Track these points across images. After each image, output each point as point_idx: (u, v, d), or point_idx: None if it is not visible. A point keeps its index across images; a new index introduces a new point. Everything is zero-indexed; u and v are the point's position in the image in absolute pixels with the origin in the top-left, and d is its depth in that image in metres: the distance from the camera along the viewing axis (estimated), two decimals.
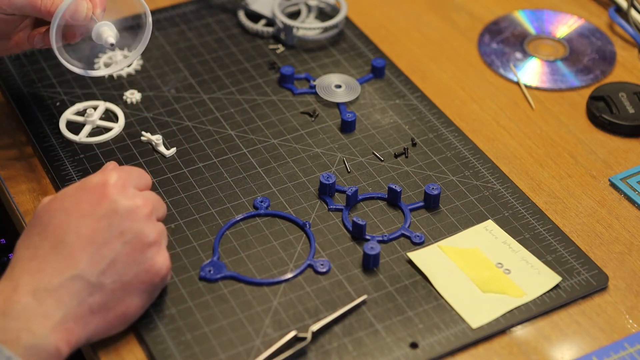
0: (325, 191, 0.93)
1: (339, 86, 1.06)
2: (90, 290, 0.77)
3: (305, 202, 0.93)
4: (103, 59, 1.08)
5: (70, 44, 0.94)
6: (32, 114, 1.02)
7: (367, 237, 0.90)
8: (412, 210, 0.93)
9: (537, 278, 0.87)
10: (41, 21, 0.95)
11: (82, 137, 0.99)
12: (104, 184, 0.80)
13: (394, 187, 0.93)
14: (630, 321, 0.85)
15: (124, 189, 0.80)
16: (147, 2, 1.16)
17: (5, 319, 0.74)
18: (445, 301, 0.85)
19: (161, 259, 0.80)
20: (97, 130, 1.01)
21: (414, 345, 0.82)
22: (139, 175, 0.83)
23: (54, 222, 0.78)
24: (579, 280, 0.87)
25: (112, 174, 0.80)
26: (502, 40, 1.14)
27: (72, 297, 0.76)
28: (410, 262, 0.88)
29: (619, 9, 1.16)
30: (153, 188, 0.94)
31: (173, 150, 0.98)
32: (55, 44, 0.90)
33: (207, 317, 0.83)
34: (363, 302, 0.85)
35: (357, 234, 0.90)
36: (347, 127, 1.01)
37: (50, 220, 0.79)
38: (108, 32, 0.90)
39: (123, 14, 0.92)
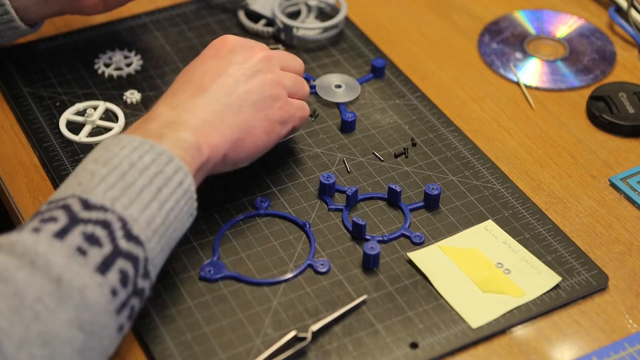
0: (325, 191, 0.93)
1: (339, 86, 1.06)
2: (221, 107, 0.84)
3: (305, 202, 0.93)
4: (103, 59, 1.08)
5: None
6: (32, 114, 1.02)
7: (367, 237, 0.90)
8: (412, 210, 0.93)
9: (537, 278, 0.87)
10: None
11: (82, 137, 0.99)
12: (222, 37, 0.91)
13: (394, 187, 0.93)
14: (630, 321, 0.85)
15: (239, 39, 0.91)
16: (146, 2, 1.17)
17: (148, 123, 0.82)
18: (445, 301, 0.85)
19: (286, 95, 0.90)
20: (97, 130, 1.01)
21: (414, 345, 0.82)
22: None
23: (183, 76, 0.88)
24: (579, 280, 0.87)
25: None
26: (502, 40, 1.14)
27: (205, 111, 0.83)
28: (410, 262, 0.88)
29: (619, 9, 1.16)
30: None
31: None
32: None
33: (207, 317, 0.83)
34: (363, 302, 0.85)
35: (357, 234, 0.90)
36: (347, 127, 1.01)
37: (179, 78, 0.88)
38: None
39: None
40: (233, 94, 0.86)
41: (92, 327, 0.70)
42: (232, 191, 0.94)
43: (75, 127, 1.01)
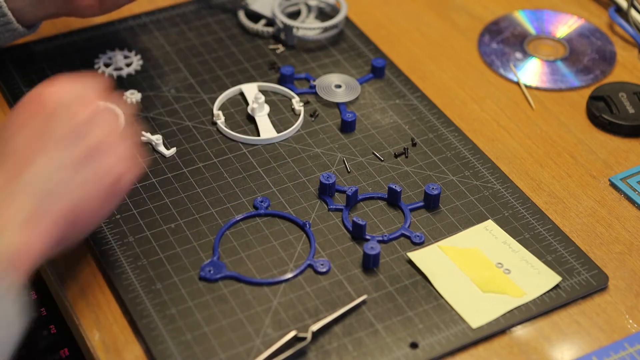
0: (325, 191, 0.93)
1: (339, 86, 1.06)
2: (43, 193, 0.73)
3: (305, 202, 0.93)
4: (103, 59, 1.08)
5: None
6: None
7: (367, 237, 0.90)
8: (412, 210, 0.93)
9: (537, 278, 0.87)
10: None
11: None
12: (40, 92, 0.76)
13: (394, 187, 0.93)
14: (630, 321, 0.85)
15: (63, 91, 0.76)
16: (146, 2, 1.17)
17: None
18: (445, 301, 0.85)
19: (114, 156, 0.77)
20: None
21: (414, 345, 0.82)
22: (85, 81, 0.78)
23: None
24: (579, 280, 0.87)
25: (48, 82, 0.77)
26: (502, 40, 1.14)
27: (25, 201, 0.72)
28: (410, 262, 0.88)
29: (619, 9, 1.16)
30: (153, 188, 0.94)
31: (173, 150, 0.98)
32: None
33: (207, 317, 0.83)
34: (363, 302, 0.85)
35: (357, 234, 0.90)
36: (347, 127, 1.01)
37: None
38: None
39: None
40: (54, 175, 0.74)
41: None
42: (232, 191, 0.94)
43: None
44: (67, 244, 0.77)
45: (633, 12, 1.14)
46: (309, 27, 1.11)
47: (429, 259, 0.88)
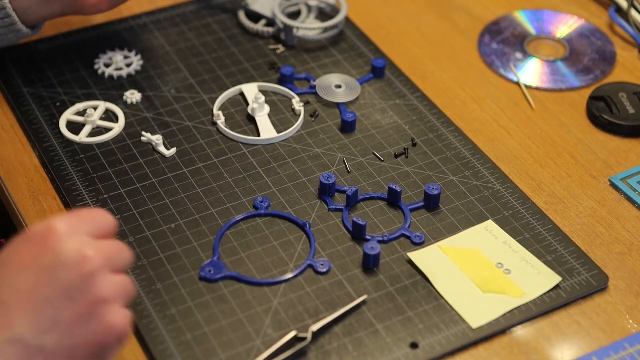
0: (325, 191, 0.93)
1: (339, 86, 1.06)
2: (29, 355, 0.66)
3: (305, 202, 0.93)
4: (103, 59, 1.08)
5: None
6: (32, 114, 1.02)
7: (367, 237, 0.90)
8: (412, 210, 0.93)
9: (537, 278, 0.87)
10: None
11: (82, 137, 0.99)
12: (47, 231, 0.68)
13: (394, 187, 0.93)
14: (630, 321, 0.85)
15: (71, 236, 0.68)
16: (146, 2, 1.17)
17: None
18: (445, 301, 0.85)
19: (116, 318, 0.68)
20: (97, 130, 1.01)
21: (414, 345, 0.82)
22: (94, 218, 0.71)
23: None
24: (579, 280, 0.87)
25: (58, 219, 0.69)
26: (502, 40, 1.14)
27: (15, 353, 0.66)
28: (410, 262, 0.88)
29: (619, 9, 1.16)
30: (153, 188, 0.94)
31: (173, 150, 0.98)
32: None
33: (207, 317, 0.83)
34: (363, 302, 0.85)
35: (357, 234, 0.90)
36: (347, 127, 1.01)
37: None
38: None
39: None
40: (46, 333, 0.66)
41: None
42: (232, 191, 0.94)
43: (75, 127, 1.01)
44: None
45: (633, 12, 1.14)
46: (309, 27, 1.11)
47: (429, 259, 0.88)
